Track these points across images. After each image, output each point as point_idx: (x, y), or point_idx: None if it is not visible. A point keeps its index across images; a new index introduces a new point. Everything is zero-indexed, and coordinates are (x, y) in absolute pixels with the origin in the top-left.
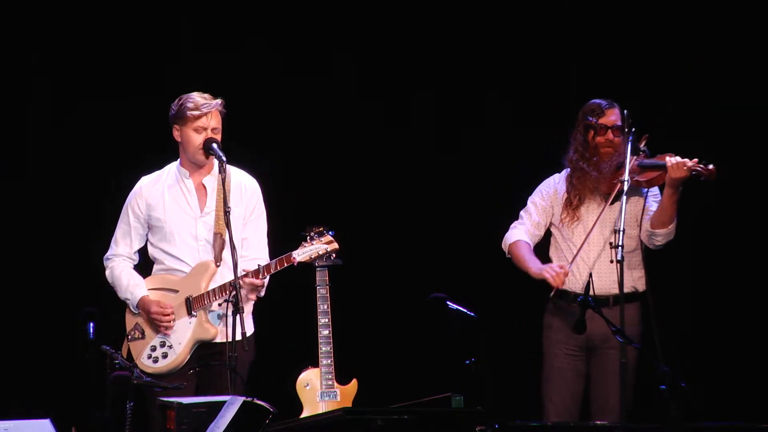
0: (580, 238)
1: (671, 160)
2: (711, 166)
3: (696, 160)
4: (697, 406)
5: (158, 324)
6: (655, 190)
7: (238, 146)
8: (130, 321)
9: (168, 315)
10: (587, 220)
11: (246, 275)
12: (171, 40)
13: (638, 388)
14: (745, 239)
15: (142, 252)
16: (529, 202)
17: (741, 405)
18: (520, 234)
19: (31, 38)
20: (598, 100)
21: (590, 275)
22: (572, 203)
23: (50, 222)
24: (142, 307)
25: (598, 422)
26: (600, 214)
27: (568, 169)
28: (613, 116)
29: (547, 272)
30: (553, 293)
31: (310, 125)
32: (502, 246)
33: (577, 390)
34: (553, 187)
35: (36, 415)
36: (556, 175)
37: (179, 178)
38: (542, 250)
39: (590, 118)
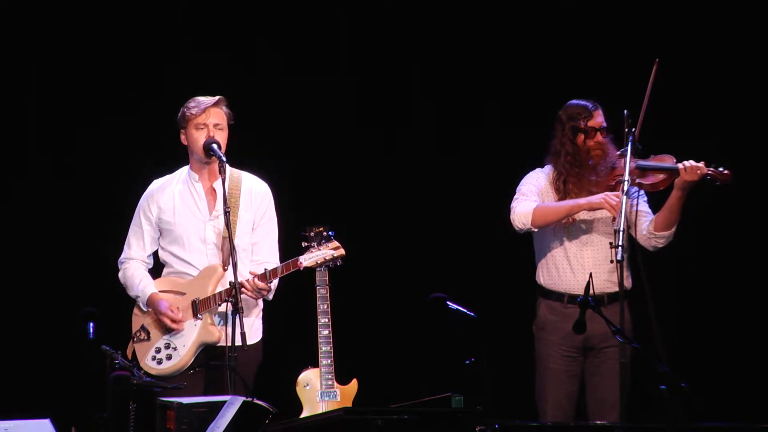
0: (575, 239)
1: (685, 163)
2: (726, 171)
3: (704, 162)
4: (697, 406)
5: (167, 324)
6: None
7: (237, 147)
8: (137, 322)
9: (176, 317)
10: (580, 222)
11: (251, 279)
12: (176, 43)
13: (638, 388)
14: (744, 239)
15: (155, 257)
16: (523, 188)
17: (741, 405)
18: (533, 203)
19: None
20: (582, 102)
21: (590, 275)
22: None
23: (50, 222)
24: (151, 303)
25: (598, 422)
26: (593, 215)
27: (551, 168)
28: (599, 117)
29: (608, 200)
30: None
31: (310, 126)
32: (519, 219)
33: (573, 391)
34: (543, 182)
35: (36, 415)
36: (539, 171)
37: (189, 182)
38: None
39: (579, 121)
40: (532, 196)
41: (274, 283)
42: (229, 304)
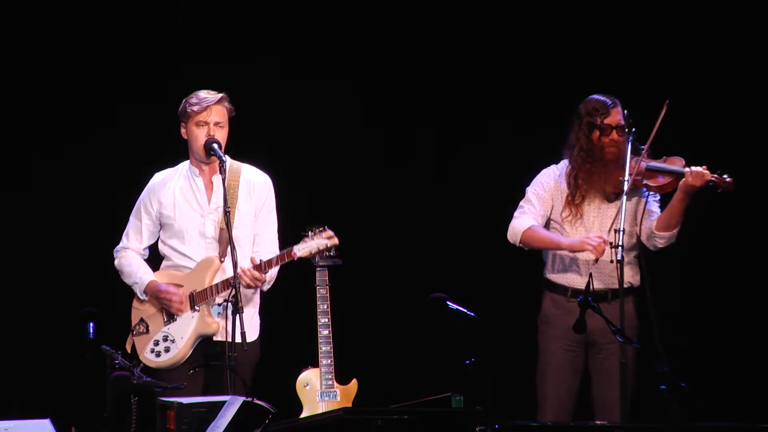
0: (583, 234)
1: (692, 168)
2: (729, 179)
3: (706, 167)
4: (697, 406)
5: (169, 305)
6: None
7: (237, 147)
8: (136, 315)
9: (178, 292)
10: (588, 218)
11: (248, 268)
12: (177, 44)
13: (638, 388)
14: (745, 240)
15: (152, 248)
16: (529, 192)
17: (741, 405)
18: (530, 220)
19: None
20: (601, 98)
21: (590, 275)
22: (575, 201)
23: (50, 222)
24: (151, 291)
25: (598, 422)
26: (602, 212)
27: (566, 162)
28: (618, 116)
29: (588, 244)
30: (594, 262)
31: (310, 127)
32: (510, 236)
33: (573, 386)
34: (553, 180)
35: (36, 415)
36: (554, 167)
37: (190, 176)
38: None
39: (596, 118)
40: (536, 206)
41: (270, 274)
42: (229, 303)
